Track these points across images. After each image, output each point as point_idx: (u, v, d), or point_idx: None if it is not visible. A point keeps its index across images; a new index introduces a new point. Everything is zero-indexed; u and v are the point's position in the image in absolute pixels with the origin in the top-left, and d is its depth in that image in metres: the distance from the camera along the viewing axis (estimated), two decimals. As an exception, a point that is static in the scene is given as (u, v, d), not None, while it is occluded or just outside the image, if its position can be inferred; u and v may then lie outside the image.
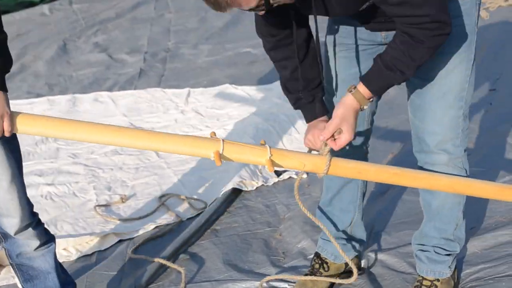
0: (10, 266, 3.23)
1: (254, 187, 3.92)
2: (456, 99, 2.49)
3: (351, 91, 2.38)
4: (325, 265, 2.98)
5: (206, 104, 5.20)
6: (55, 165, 4.41)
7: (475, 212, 3.35)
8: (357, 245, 2.98)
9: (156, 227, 3.65)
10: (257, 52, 6.09)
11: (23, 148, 4.55)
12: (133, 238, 3.57)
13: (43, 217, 3.73)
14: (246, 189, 3.89)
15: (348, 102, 2.38)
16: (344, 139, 2.41)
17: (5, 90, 2.26)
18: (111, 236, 3.59)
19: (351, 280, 2.68)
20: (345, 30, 2.58)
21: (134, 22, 7.55)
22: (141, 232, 3.61)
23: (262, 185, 3.93)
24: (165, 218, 3.72)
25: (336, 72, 2.64)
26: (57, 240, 3.47)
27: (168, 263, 3.25)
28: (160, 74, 6.04)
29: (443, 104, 2.48)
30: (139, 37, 7.08)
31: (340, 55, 2.61)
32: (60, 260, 3.39)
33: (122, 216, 3.77)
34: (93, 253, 3.49)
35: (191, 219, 3.70)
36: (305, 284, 2.93)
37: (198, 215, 3.71)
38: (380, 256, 3.15)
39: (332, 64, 2.64)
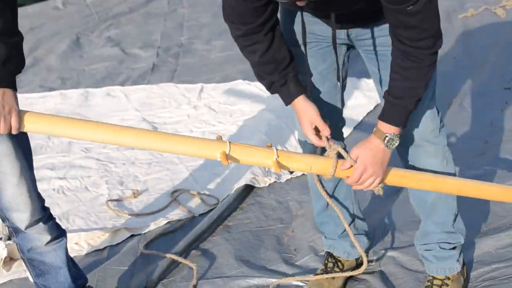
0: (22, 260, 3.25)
1: (267, 184, 3.92)
2: (431, 91, 2.53)
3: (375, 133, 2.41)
4: (339, 263, 2.99)
5: (218, 100, 5.19)
6: (67, 159, 4.42)
7: (489, 211, 3.34)
8: (364, 238, 3.01)
9: (168, 222, 3.65)
10: (270, 48, 6.06)
11: (35, 141, 4.60)
12: (145, 233, 3.57)
13: (55, 211, 3.76)
14: (258, 185, 3.89)
15: (372, 146, 2.41)
16: (374, 183, 2.44)
17: (14, 88, 2.27)
18: (122, 231, 3.60)
19: (362, 269, 2.67)
20: (310, 28, 2.57)
21: (147, 17, 7.55)
22: (152, 227, 3.61)
23: (275, 181, 3.92)
24: (177, 214, 3.72)
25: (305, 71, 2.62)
26: (69, 235, 3.47)
27: (180, 259, 3.25)
28: (173, 69, 6.04)
29: (425, 95, 2.48)
30: (152, 31, 7.08)
31: (309, 53, 2.59)
32: (72, 254, 3.40)
33: (134, 211, 3.78)
34: (104, 248, 3.49)
35: (203, 215, 3.69)
36: (322, 284, 2.92)
37: (210, 211, 3.71)
38: (393, 254, 3.14)
39: (303, 62, 2.60)
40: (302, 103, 2.50)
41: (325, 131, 2.46)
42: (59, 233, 2.69)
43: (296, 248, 3.32)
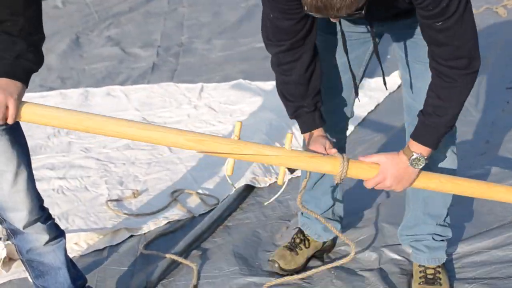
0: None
1: (267, 184, 3.92)
2: None
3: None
4: (306, 241, 3.15)
5: (219, 100, 5.19)
6: (67, 159, 4.41)
7: (491, 212, 3.34)
8: (338, 225, 3.12)
9: (168, 222, 3.65)
10: (271, 48, 6.06)
11: (35, 141, 4.60)
12: (144, 234, 3.57)
13: (54, 211, 3.76)
14: (259, 185, 3.89)
15: (398, 160, 2.42)
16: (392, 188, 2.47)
17: (25, 83, 2.27)
18: (122, 231, 3.59)
19: (349, 258, 2.71)
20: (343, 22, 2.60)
21: (147, 16, 7.54)
22: (152, 227, 3.61)
23: (275, 181, 3.92)
24: (177, 214, 3.72)
25: (327, 60, 2.66)
26: (68, 235, 3.48)
27: (180, 259, 3.25)
28: (173, 68, 6.03)
29: None
30: (152, 31, 7.07)
31: (331, 44, 2.64)
32: (71, 255, 3.40)
33: (133, 211, 3.77)
34: (104, 248, 3.49)
35: (203, 215, 3.69)
36: (284, 256, 3.09)
37: (210, 211, 3.71)
38: (390, 253, 3.18)
39: (323, 53, 2.62)
40: (319, 132, 2.56)
41: (332, 150, 2.45)
42: (58, 233, 2.69)
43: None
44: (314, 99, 2.54)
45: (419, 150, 2.41)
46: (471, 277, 2.98)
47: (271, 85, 5.27)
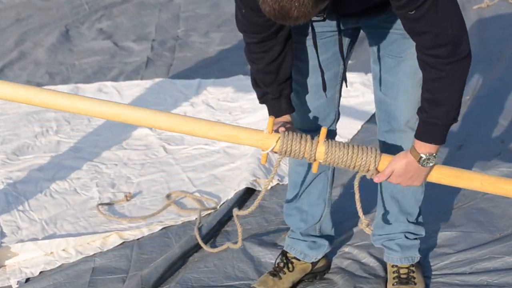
0: (5, 267, 3.24)
1: (269, 187, 3.90)
2: (420, 78, 2.56)
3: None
4: (290, 264, 3.10)
5: (217, 96, 5.18)
6: (56, 160, 4.40)
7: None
8: (326, 242, 3.10)
9: (164, 228, 3.63)
10: (272, 41, 6.05)
11: (21, 140, 4.59)
12: (138, 239, 3.56)
13: (42, 215, 3.75)
14: (260, 188, 3.87)
15: (408, 159, 2.49)
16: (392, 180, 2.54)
17: None
18: (114, 236, 3.58)
19: None
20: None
21: (141, 8, 7.53)
22: (146, 233, 3.59)
23: (277, 184, 3.91)
24: (173, 219, 3.70)
25: (307, 59, 2.72)
26: (56, 240, 3.48)
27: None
28: (168, 63, 6.02)
29: (414, 81, 2.62)
30: (146, 23, 7.06)
31: (310, 43, 2.67)
32: (59, 262, 3.39)
33: (126, 215, 3.76)
34: (94, 255, 3.47)
35: (201, 219, 3.67)
36: (266, 282, 3.05)
37: (208, 215, 3.69)
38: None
39: (304, 51, 2.70)
40: (284, 119, 2.67)
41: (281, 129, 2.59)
42: None
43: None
44: (280, 87, 2.63)
45: (426, 149, 2.46)
46: (482, 283, 2.99)
47: (272, 81, 5.26)
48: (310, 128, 2.78)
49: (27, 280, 3.32)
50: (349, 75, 5.15)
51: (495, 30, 5.68)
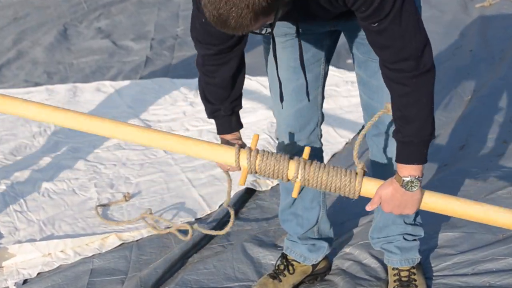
0: (3, 269, 3.23)
1: (269, 187, 3.91)
2: None
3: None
4: (290, 267, 3.10)
5: (217, 96, 5.16)
6: (54, 160, 4.39)
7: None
8: (325, 244, 3.09)
9: (163, 228, 3.63)
10: (272, 40, 6.05)
11: (19, 140, 4.58)
12: (137, 241, 3.55)
13: (40, 216, 3.74)
14: (260, 188, 3.87)
15: (394, 185, 2.44)
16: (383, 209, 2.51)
17: None
18: (113, 237, 3.57)
19: None
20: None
21: (140, 6, 7.53)
22: (145, 234, 3.59)
23: (277, 184, 3.90)
24: (172, 219, 3.69)
25: (283, 62, 2.70)
26: (54, 241, 3.48)
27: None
28: (167, 62, 6.02)
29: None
30: (145, 22, 7.06)
31: (287, 45, 2.67)
32: (57, 263, 3.39)
33: (125, 216, 3.75)
34: (93, 256, 3.46)
35: (201, 220, 3.67)
36: (266, 285, 3.05)
37: (208, 215, 3.69)
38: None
39: (277, 55, 2.67)
40: (233, 136, 2.69)
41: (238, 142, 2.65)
42: None
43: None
44: (232, 104, 2.65)
45: (407, 171, 2.40)
46: (484, 285, 2.99)
47: (272, 80, 5.26)
48: (295, 130, 2.78)
49: (25, 281, 3.32)
50: (349, 75, 5.18)
51: (498, 29, 5.67)
